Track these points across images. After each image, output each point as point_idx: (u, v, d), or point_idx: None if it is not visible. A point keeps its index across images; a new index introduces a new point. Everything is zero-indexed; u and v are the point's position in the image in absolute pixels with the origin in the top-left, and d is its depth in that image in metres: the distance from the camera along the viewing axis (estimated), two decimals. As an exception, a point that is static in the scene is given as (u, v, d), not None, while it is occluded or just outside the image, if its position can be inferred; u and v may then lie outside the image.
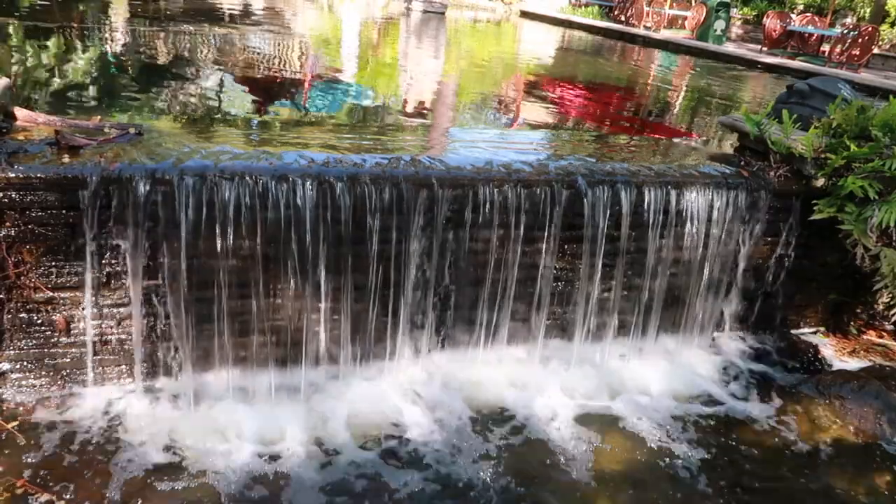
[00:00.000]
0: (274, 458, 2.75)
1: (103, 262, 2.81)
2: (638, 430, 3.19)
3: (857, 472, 3.09)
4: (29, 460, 2.58)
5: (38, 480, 2.50)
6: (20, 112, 3.17)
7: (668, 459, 3.03)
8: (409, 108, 5.78)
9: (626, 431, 3.18)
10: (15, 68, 5.13)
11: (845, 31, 13.23)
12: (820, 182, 3.70)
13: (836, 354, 4.07)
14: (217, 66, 6.39)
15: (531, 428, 3.11)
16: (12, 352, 2.87)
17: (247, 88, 5.56)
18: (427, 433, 2.99)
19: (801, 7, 19.31)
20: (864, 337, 4.24)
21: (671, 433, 3.20)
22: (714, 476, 2.97)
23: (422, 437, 2.96)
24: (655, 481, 2.91)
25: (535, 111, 6.14)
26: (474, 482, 2.77)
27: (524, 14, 19.58)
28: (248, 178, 2.84)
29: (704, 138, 5.29)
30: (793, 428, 3.33)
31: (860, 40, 12.78)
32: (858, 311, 4.28)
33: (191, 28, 8.55)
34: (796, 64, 12.64)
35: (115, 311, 2.91)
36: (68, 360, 2.94)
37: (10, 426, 2.71)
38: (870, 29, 13.09)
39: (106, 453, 2.67)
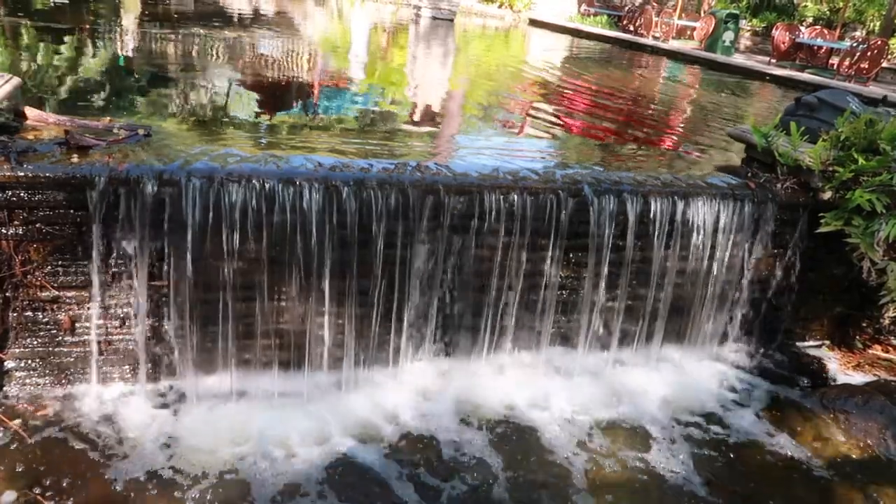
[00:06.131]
0: (275, 460, 2.75)
1: (109, 262, 2.82)
2: (640, 441, 3.18)
3: (861, 487, 3.07)
4: (32, 458, 2.59)
5: (41, 478, 2.51)
6: (30, 112, 3.20)
7: (669, 471, 3.01)
8: (417, 114, 5.79)
9: (628, 442, 3.17)
10: (26, 68, 5.17)
11: (854, 45, 13.20)
12: (827, 195, 3.69)
13: (840, 368, 4.05)
14: (226, 69, 6.42)
15: (533, 435, 3.10)
16: (17, 350, 2.88)
17: (255, 92, 5.58)
18: (429, 438, 2.99)
19: (810, 19, 19.29)
20: (870, 351, 4.22)
21: (673, 445, 3.18)
22: (715, 489, 2.95)
23: (424, 443, 2.96)
24: (656, 493, 2.90)
25: (542, 119, 6.15)
26: (475, 488, 2.76)
27: (533, 22, 19.60)
28: (254, 181, 2.85)
29: (711, 149, 5.28)
30: (796, 442, 3.31)
31: (869, 53, 12.75)
32: (864, 324, 4.26)
33: (201, 31, 8.59)
34: (805, 76, 12.61)
35: (120, 311, 2.92)
36: (73, 359, 2.95)
37: (13, 423, 2.72)
38: (879, 42, 13.05)
39: (108, 453, 2.67)
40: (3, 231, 2.68)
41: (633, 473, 2.97)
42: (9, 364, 2.88)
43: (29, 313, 2.84)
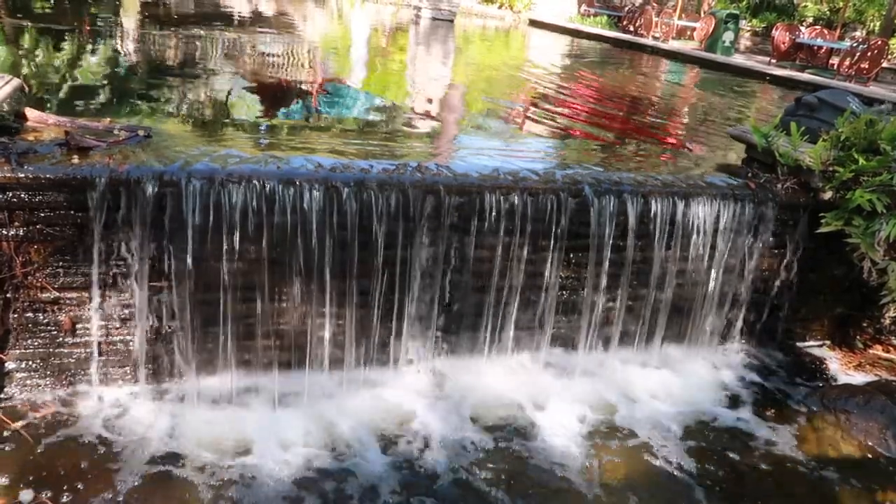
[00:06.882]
0: (276, 461, 2.75)
1: (110, 263, 2.82)
2: (641, 442, 3.18)
3: (862, 487, 3.07)
4: (32, 459, 2.59)
5: (41, 479, 2.51)
6: (31, 113, 3.20)
7: (670, 472, 3.01)
8: (417, 115, 5.79)
9: (628, 442, 3.17)
10: (26, 69, 5.17)
11: (854, 45, 13.19)
12: (827, 195, 3.69)
13: (841, 368, 4.05)
14: (226, 70, 6.42)
15: (533, 436, 3.10)
16: (18, 351, 2.88)
17: (255, 93, 5.58)
18: (429, 439, 2.99)
19: (810, 20, 19.28)
20: (871, 351, 4.22)
21: (674, 445, 3.18)
22: (716, 489, 2.95)
23: (424, 443, 2.96)
24: (657, 494, 2.90)
25: (542, 120, 6.15)
26: (476, 489, 2.76)
27: (533, 23, 19.60)
28: (255, 181, 2.85)
29: (712, 149, 5.28)
30: (797, 442, 3.31)
31: (869, 54, 12.73)
32: (865, 324, 4.26)
33: (201, 32, 8.60)
34: (805, 76, 12.60)
35: (120, 312, 2.92)
36: (73, 360, 2.95)
37: (14, 425, 2.72)
38: (879, 42, 13.03)
39: (109, 454, 2.67)
40: (4, 232, 2.68)
41: (633, 474, 2.97)
42: (9, 365, 2.88)
43: (29, 314, 2.84)
